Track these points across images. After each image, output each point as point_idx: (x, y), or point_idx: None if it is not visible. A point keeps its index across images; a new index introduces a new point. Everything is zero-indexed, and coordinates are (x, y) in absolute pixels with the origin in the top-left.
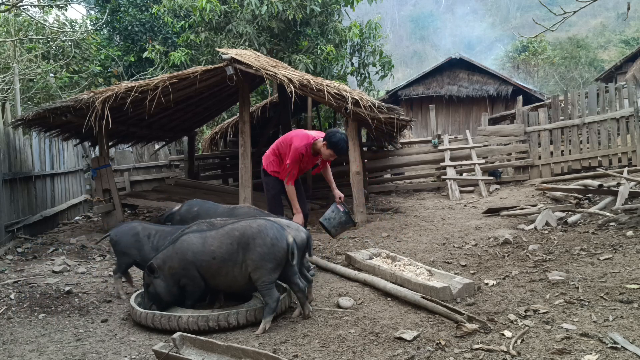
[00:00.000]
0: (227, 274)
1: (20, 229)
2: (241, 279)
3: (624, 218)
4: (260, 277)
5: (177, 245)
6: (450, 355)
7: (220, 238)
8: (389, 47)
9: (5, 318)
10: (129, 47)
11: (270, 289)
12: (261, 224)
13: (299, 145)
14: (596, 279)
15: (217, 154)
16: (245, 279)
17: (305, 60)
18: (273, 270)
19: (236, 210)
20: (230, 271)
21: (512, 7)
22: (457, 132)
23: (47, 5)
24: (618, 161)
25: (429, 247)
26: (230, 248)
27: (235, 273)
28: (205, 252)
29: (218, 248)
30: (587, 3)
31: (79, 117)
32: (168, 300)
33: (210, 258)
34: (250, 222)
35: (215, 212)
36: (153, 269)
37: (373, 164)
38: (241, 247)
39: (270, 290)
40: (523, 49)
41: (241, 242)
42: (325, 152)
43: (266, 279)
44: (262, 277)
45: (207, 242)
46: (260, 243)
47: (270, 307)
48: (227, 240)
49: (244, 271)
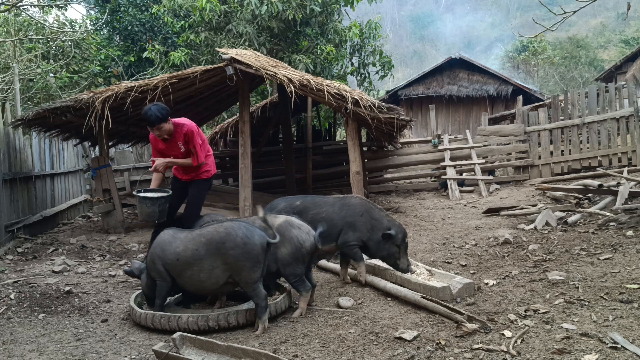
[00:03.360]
0: (192, 277)
1: (20, 229)
2: (209, 284)
3: (624, 218)
4: (242, 279)
5: (156, 239)
6: (450, 355)
7: (186, 242)
8: (389, 47)
9: (5, 318)
10: (129, 47)
11: (255, 288)
12: (228, 226)
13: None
14: (596, 279)
15: (217, 153)
16: (215, 285)
17: (305, 60)
18: (252, 269)
19: (346, 199)
20: (195, 275)
21: (512, 6)
22: (457, 132)
23: (47, 5)
24: (618, 161)
25: (428, 246)
26: (195, 253)
27: (202, 277)
28: (171, 252)
29: (183, 251)
30: (587, 3)
31: (79, 117)
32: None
33: (175, 259)
34: (216, 227)
35: (325, 202)
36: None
37: (373, 164)
38: (210, 253)
39: (256, 290)
40: (523, 49)
41: (210, 248)
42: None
43: (248, 278)
44: (244, 277)
45: (175, 243)
46: (231, 246)
47: (261, 306)
48: (192, 245)
49: (214, 276)
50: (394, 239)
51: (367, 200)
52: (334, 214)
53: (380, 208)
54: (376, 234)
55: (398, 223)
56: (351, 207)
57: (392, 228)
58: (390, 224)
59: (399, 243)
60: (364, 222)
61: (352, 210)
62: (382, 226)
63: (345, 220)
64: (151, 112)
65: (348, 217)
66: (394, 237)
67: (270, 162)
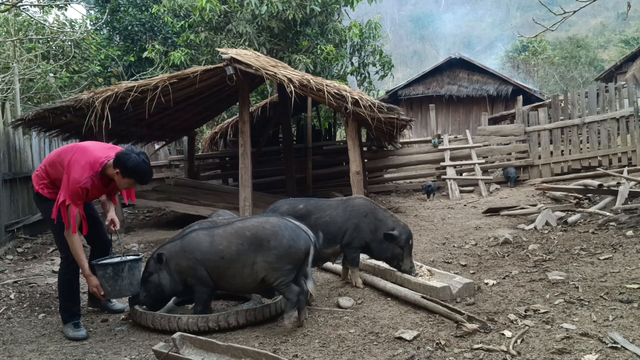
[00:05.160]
0: (235, 275)
1: (20, 229)
2: (251, 281)
3: (624, 218)
4: (277, 279)
5: (185, 242)
6: (450, 355)
7: (230, 237)
8: (389, 47)
9: (5, 318)
10: (128, 47)
11: (288, 286)
12: (275, 224)
13: (80, 178)
14: (596, 279)
15: (217, 153)
16: (255, 282)
17: (305, 60)
18: (290, 272)
19: (349, 201)
20: (238, 272)
21: (512, 6)
22: (457, 132)
23: (47, 5)
24: (618, 161)
25: (428, 246)
26: (240, 248)
27: (245, 274)
28: (213, 251)
29: (227, 247)
30: (587, 3)
31: (79, 117)
32: (169, 295)
33: (219, 258)
34: (262, 222)
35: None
36: (162, 260)
37: (373, 164)
38: (252, 248)
39: (289, 287)
40: (523, 49)
41: (253, 243)
42: (122, 181)
43: (284, 280)
44: (279, 278)
45: (215, 240)
46: (275, 245)
47: (292, 301)
48: (237, 239)
49: (254, 273)
50: (397, 239)
51: (370, 201)
52: (338, 216)
53: (385, 209)
54: (379, 235)
55: (403, 224)
56: (355, 208)
57: (395, 229)
58: (395, 224)
59: (403, 244)
60: (368, 223)
61: (355, 211)
62: (387, 227)
63: (349, 221)
64: (146, 165)
65: (352, 218)
66: (397, 238)
67: (270, 162)
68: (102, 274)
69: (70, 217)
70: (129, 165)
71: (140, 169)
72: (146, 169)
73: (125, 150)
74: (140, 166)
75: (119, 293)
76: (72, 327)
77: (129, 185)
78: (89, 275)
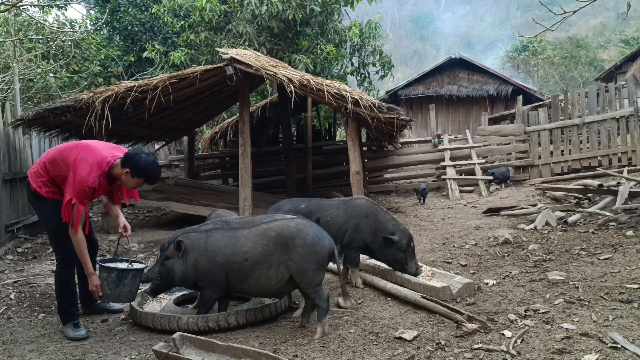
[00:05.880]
0: (260, 277)
1: (20, 229)
2: (275, 282)
3: (624, 218)
4: (304, 280)
5: (210, 242)
6: (450, 355)
7: (255, 238)
8: (389, 47)
9: (5, 318)
10: (128, 47)
11: (317, 290)
12: (299, 222)
13: (88, 177)
14: (596, 279)
15: (217, 153)
16: (280, 283)
17: (305, 60)
18: (316, 272)
19: (351, 201)
20: (264, 273)
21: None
22: (457, 132)
23: (47, 5)
24: (618, 161)
25: (428, 246)
26: (265, 249)
27: (271, 275)
28: (237, 253)
29: (252, 249)
30: (587, 3)
31: (79, 117)
32: (176, 284)
33: (243, 260)
34: (287, 221)
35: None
36: (181, 248)
37: (373, 164)
38: (278, 248)
39: (319, 292)
40: (523, 49)
41: (279, 242)
42: (130, 181)
43: (311, 280)
44: (307, 279)
45: (238, 242)
46: (300, 243)
47: (323, 308)
48: (262, 240)
49: (280, 274)
50: (397, 244)
51: (372, 202)
52: (339, 216)
53: (386, 211)
54: (379, 238)
55: (403, 228)
56: (356, 209)
57: (395, 233)
58: (395, 228)
59: (404, 249)
60: (369, 224)
61: (357, 212)
62: (386, 230)
63: (349, 221)
64: (156, 165)
65: (352, 218)
66: (397, 243)
67: (270, 162)
68: (106, 276)
69: (75, 216)
70: (141, 165)
71: (152, 169)
72: (157, 169)
73: (134, 149)
74: (151, 166)
75: (117, 298)
76: (72, 327)
77: (136, 185)
78: (91, 274)
